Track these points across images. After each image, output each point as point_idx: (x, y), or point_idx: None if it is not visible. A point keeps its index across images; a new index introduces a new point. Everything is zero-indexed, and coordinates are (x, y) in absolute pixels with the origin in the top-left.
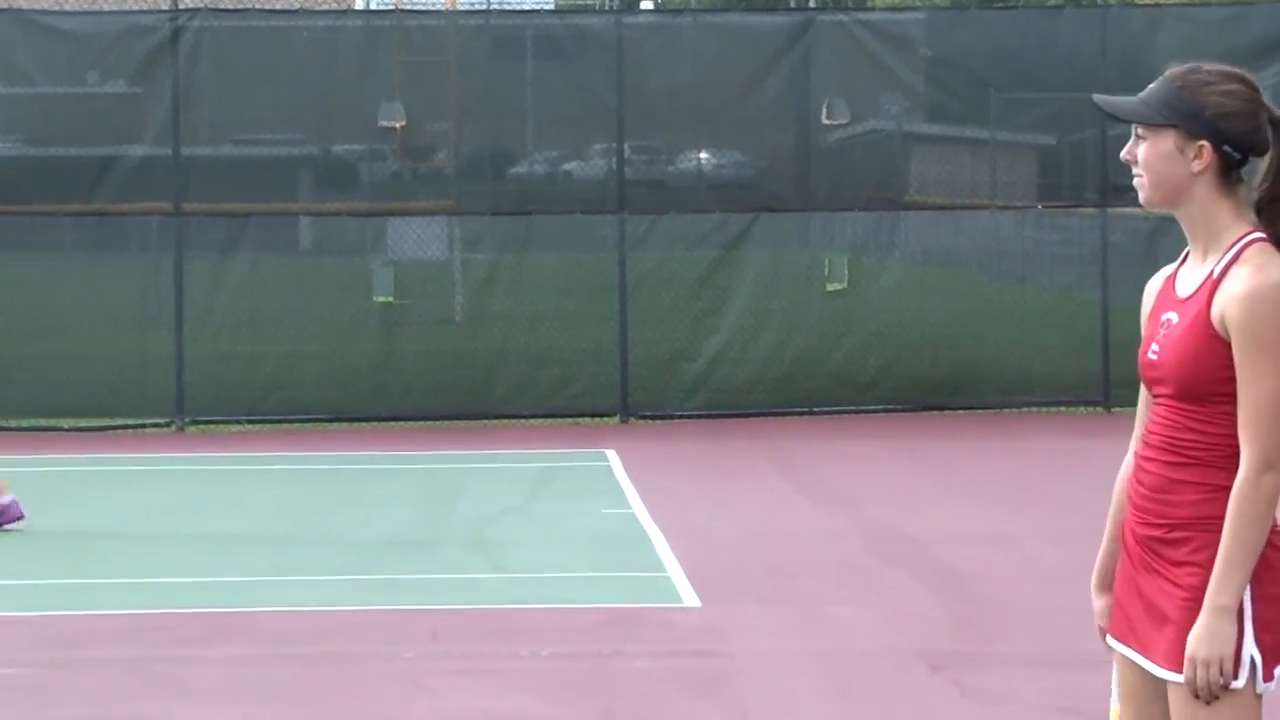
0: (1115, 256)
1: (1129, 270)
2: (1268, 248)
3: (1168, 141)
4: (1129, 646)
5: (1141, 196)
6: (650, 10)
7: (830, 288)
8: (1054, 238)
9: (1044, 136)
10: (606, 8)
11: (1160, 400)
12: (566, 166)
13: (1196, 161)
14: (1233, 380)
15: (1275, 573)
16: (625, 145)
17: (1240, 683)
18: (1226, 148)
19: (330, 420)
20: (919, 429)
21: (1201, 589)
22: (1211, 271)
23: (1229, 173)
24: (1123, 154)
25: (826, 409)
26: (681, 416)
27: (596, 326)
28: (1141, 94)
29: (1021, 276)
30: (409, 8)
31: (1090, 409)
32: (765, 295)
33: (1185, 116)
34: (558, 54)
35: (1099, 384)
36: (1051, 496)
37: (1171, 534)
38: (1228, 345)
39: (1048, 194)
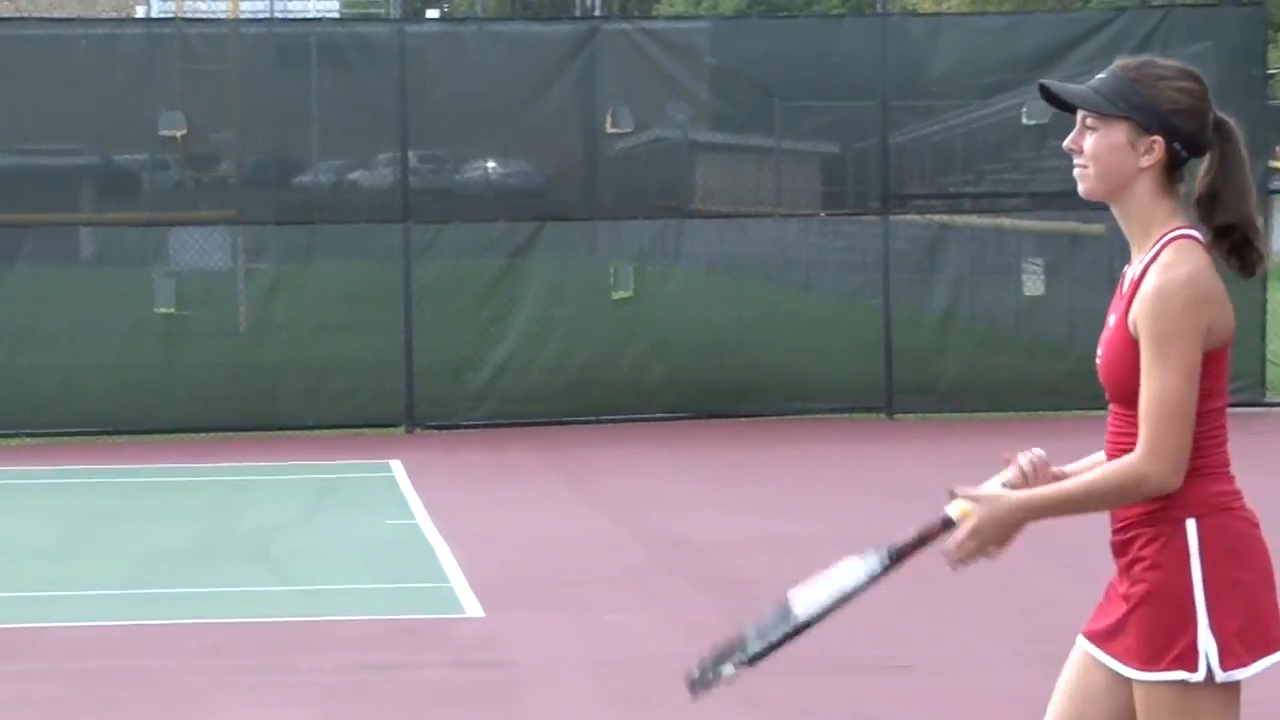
0: (897, 264)
1: (910, 278)
2: (1185, 244)
3: (1119, 133)
4: (1097, 646)
5: (1082, 188)
6: (434, 19)
7: (616, 296)
8: (838, 245)
9: (827, 145)
10: (390, 16)
11: (1109, 402)
12: (352, 175)
13: (1147, 156)
14: None
15: (1231, 557)
16: (411, 154)
17: (1198, 676)
18: (1176, 145)
19: (112, 433)
20: (704, 436)
21: (1151, 584)
22: (1137, 272)
23: (1173, 171)
24: (1066, 143)
25: (612, 417)
26: (468, 426)
27: (382, 336)
28: (1091, 83)
29: (806, 284)
30: (190, 16)
31: (873, 415)
32: (551, 304)
33: (1140, 109)
34: (341, 63)
35: (882, 390)
36: (833, 502)
37: (1124, 534)
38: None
39: (831, 202)
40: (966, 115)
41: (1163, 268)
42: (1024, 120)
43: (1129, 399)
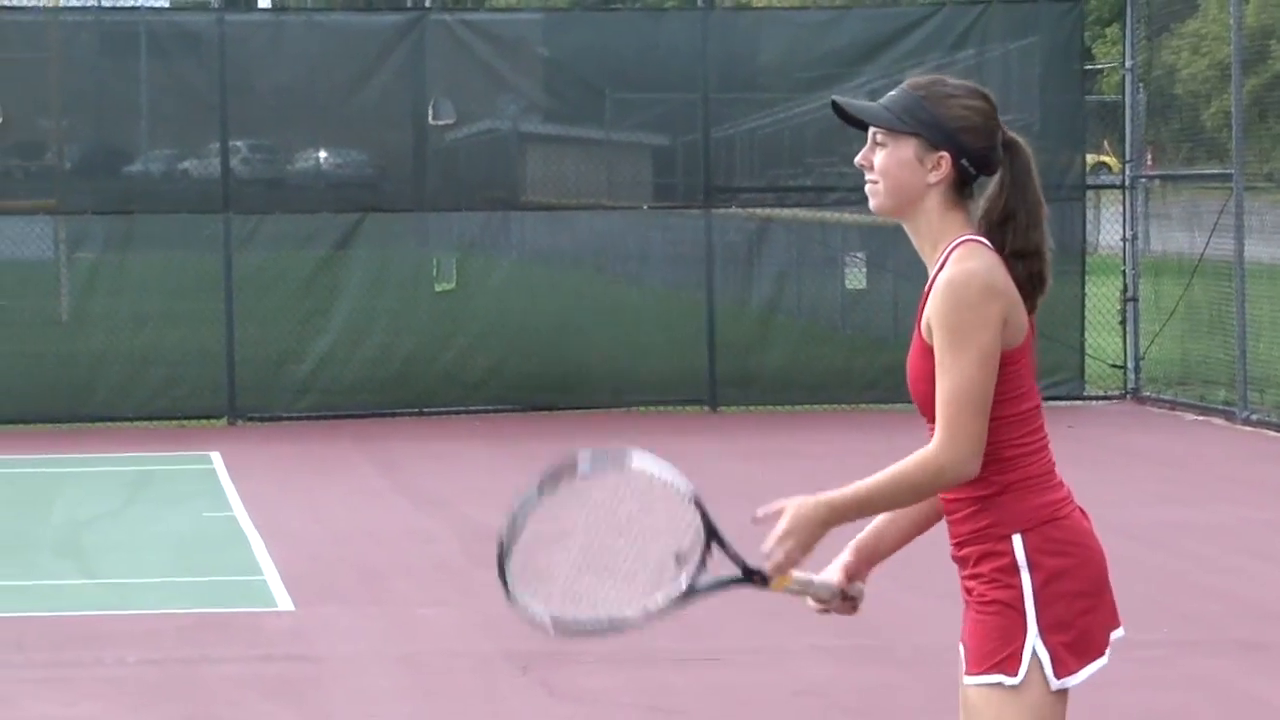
0: (721, 257)
1: (734, 271)
2: (973, 245)
3: (908, 149)
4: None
5: (873, 203)
6: (260, 10)
7: (439, 288)
8: (666, 237)
9: (657, 137)
10: (212, 6)
11: (926, 423)
12: (174, 165)
13: (934, 172)
14: None
15: (1057, 568)
16: (234, 144)
17: (1018, 680)
18: (964, 161)
19: None
20: (527, 429)
21: (986, 596)
22: (927, 283)
23: (962, 187)
24: (857, 159)
25: (435, 410)
26: (290, 418)
27: (203, 328)
28: (882, 100)
29: (632, 277)
30: (7, 4)
31: (696, 408)
32: (373, 296)
33: (927, 126)
34: (164, 52)
35: (705, 384)
36: None
37: (960, 549)
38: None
39: (658, 194)
40: (790, 109)
41: (952, 262)
42: None
43: (931, 408)
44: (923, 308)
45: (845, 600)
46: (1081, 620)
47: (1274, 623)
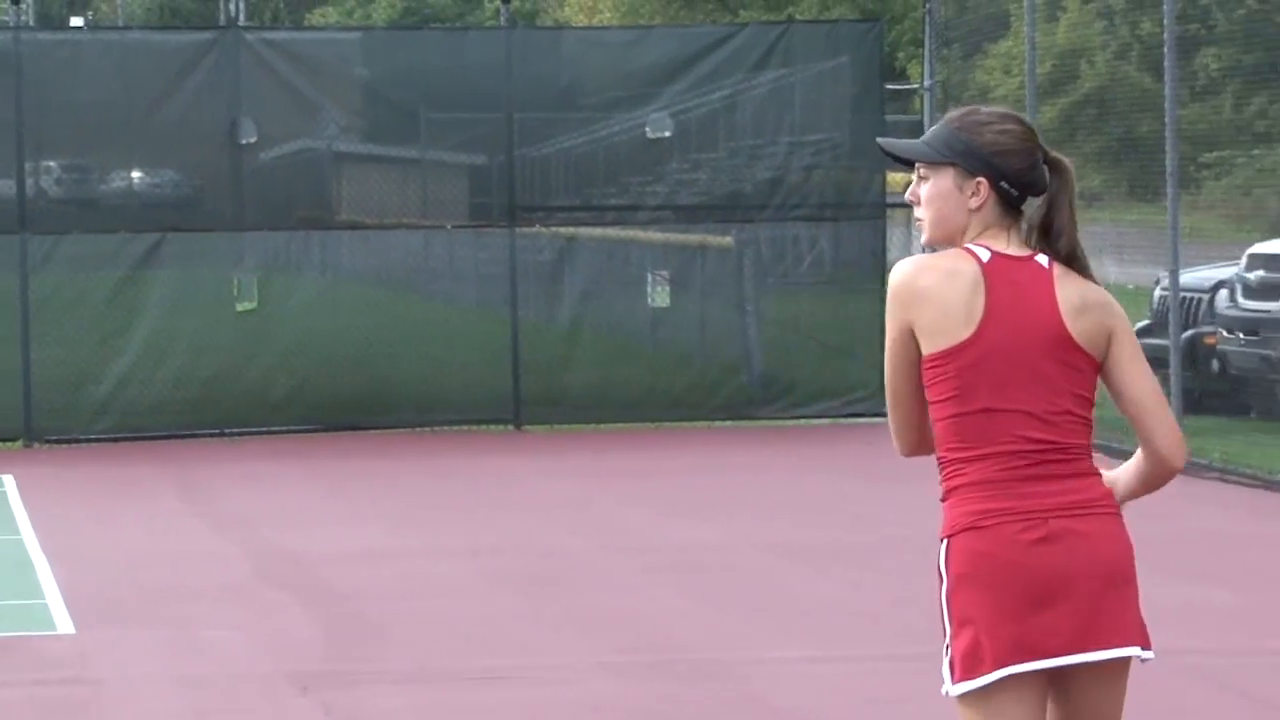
0: (525, 276)
1: (539, 290)
2: (933, 254)
3: (947, 179)
4: None
5: (924, 237)
6: (63, 28)
7: (240, 308)
8: (472, 256)
9: (470, 157)
10: (8, 24)
11: None
12: None
13: (974, 198)
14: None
15: (967, 577)
16: (47, 163)
17: (945, 689)
18: (1003, 184)
19: None
20: (331, 449)
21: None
22: None
23: (1008, 208)
24: (906, 195)
25: (237, 430)
26: (88, 440)
27: None
28: (924, 136)
29: (441, 296)
30: None
31: (502, 427)
32: (174, 316)
33: (962, 154)
34: None
35: (510, 402)
36: (448, 513)
37: None
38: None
39: (473, 213)
40: (597, 130)
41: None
42: (648, 134)
43: None
44: None
45: None
46: (978, 633)
47: None
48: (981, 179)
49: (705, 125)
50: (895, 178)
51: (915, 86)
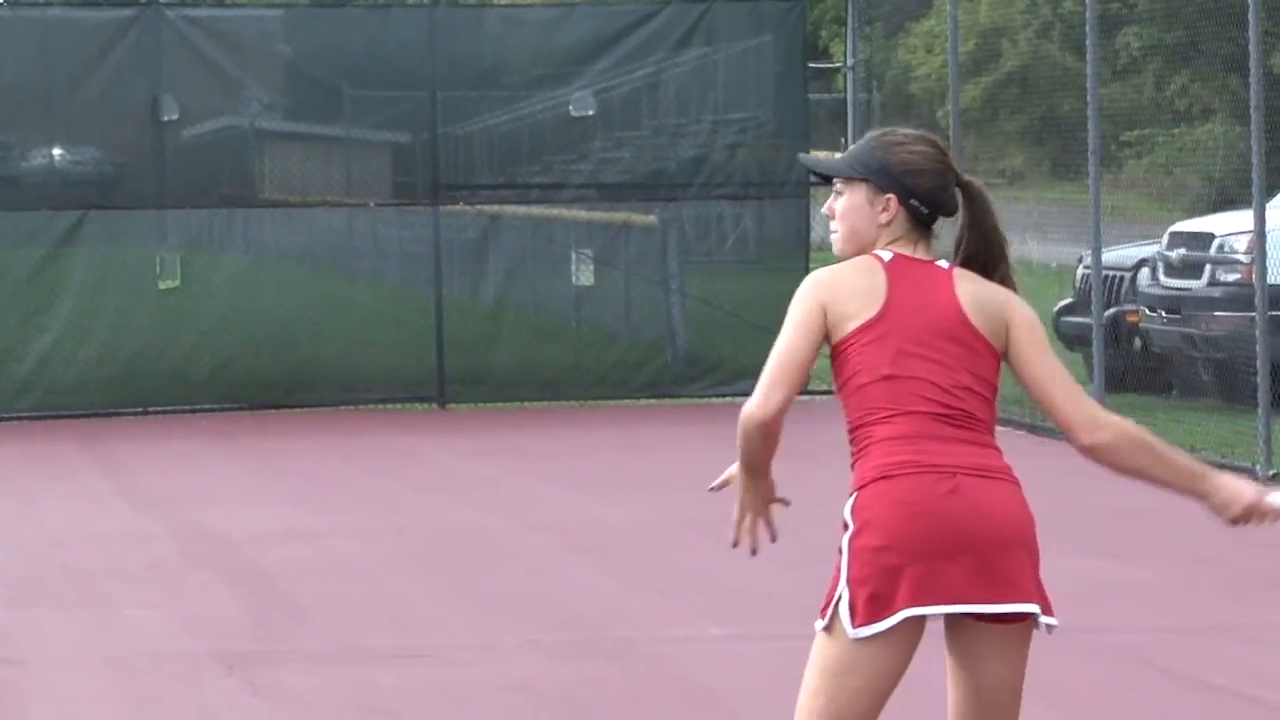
0: (449, 254)
1: (463, 268)
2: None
3: (860, 194)
4: None
5: (836, 248)
6: None
7: (163, 285)
8: (396, 235)
9: (394, 135)
10: None
11: None
12: None
13: (884, 214)
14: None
15: (870, 525)
16: None
17: (821, 624)
18: (913, 201)
19: None
20: (254, 428)
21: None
22: None
23: (918, 226)
24: (823, 209)
25: (160, 409)
26: (9, 418)
27: None
28: (844, 154)
29: (363, 273)
30: None
31: (426, 405)
32: (96, 294)
33: (875, 171)
34: None
35: (434, 380)
36: (371, 492)
37: None
38: None
39: (397, 192)
40: (521, 108)
41: None
42: (572, 112)
43: None
44: None
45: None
46: (885, 576)
47: None
48: (892, 195)
49: (629, 103)
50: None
51: (838, 65)
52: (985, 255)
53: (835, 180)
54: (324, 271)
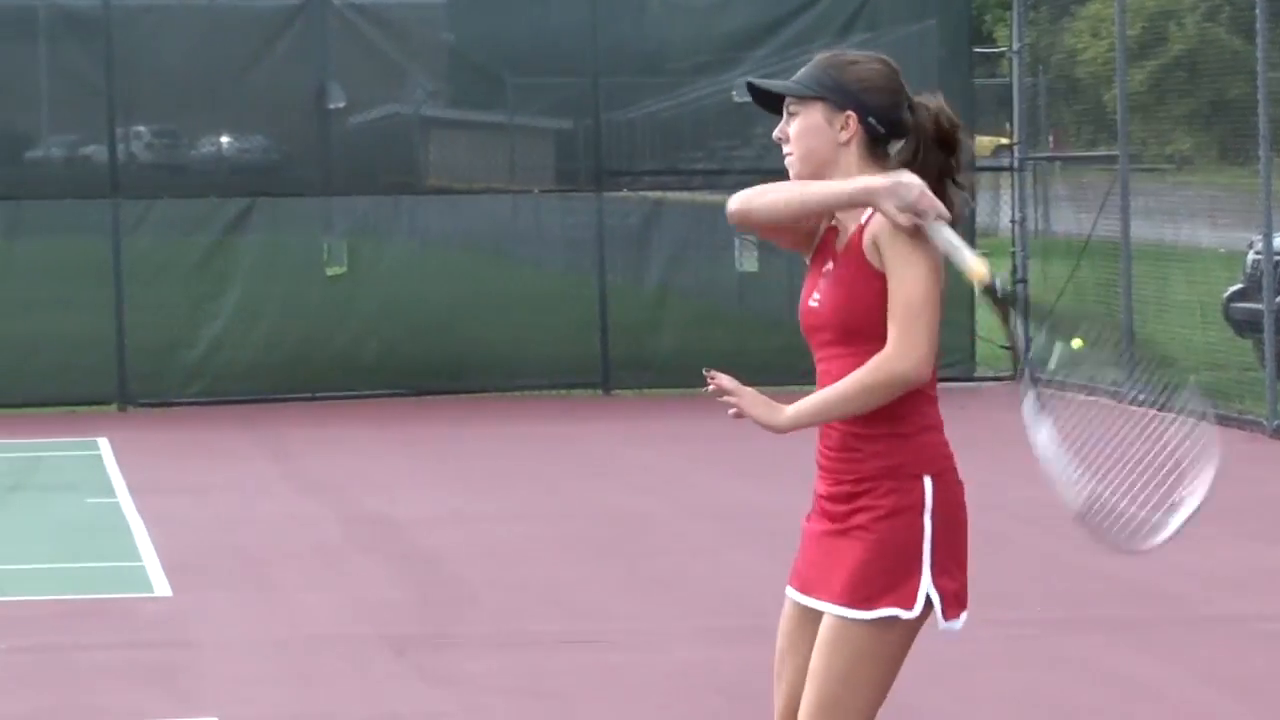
0: (614, 240)
1: (627, 254)
2: None
3: (816, 114)
4: (809, 596)
5: (791, 172)
6: None
7: (330, 272)
8: (559, 221)
9: (557, 121)
10: None
11: (826, 353)
12: (63, 152)
13: (843, 132)
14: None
15: (952, 516)
16: (137, 129)
17: (912, 614)
18: (871, 120)
19: None
20: (418, 414)
21: (880, 533)
22: (851, 224)
23: (875, 146)
24: (775, 133)
25: (326, 395)
26: (181, 403)
27: (93, 313)
28: (793, 76)
29: (527, 260)
30: None
31: (589, 391)
32: (265, 281)
33: (831, 89)
34: (51, 36)
35: (598, 367)
36: (541, 479)
37: (856, 485)
38: (883, 279)
39: (559, 178)
40: (685, 93)
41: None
42: (735, 98)
43: (867, 333)
44: (859, 235)
45: None
46: (962, 569)
47: (1149, 601)
48: (850, 113)
49: None
50: (983, 141)
51: (1003, 50)
52: (938, 181)
53: (787, 102)
54: (487, 258)
